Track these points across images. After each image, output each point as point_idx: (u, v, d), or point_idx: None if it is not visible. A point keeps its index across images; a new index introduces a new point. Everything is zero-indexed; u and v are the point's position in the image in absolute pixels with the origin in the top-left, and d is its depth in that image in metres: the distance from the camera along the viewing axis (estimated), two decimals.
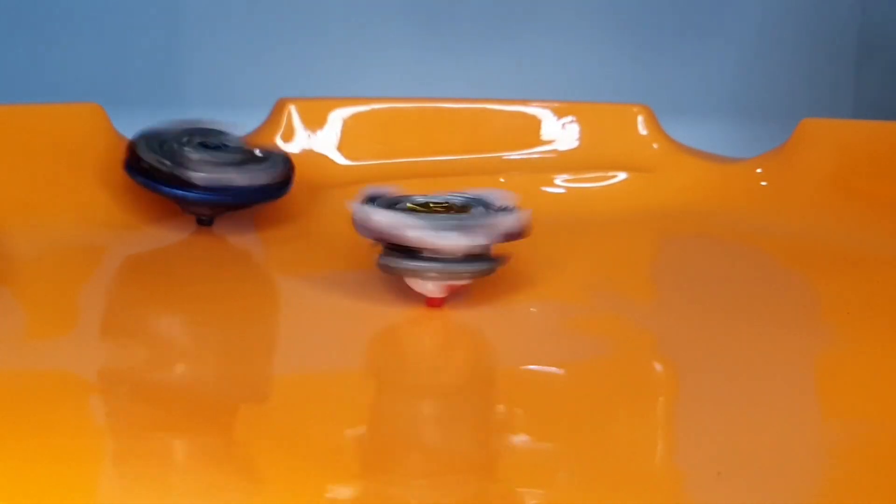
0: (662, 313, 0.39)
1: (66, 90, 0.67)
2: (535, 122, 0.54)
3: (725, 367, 0.30)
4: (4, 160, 0.43)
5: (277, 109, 0.52)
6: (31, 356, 0.31)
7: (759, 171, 0.50)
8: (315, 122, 0.52)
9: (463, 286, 0.37)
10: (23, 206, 0.42)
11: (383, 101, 0.54)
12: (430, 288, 0.37)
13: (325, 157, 0.52)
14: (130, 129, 0.49)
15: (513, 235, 0.37)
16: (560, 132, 0.54)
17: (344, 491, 0.25)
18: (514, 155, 0.53)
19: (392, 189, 0.39)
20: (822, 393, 0.31)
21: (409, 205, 0.38)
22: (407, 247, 0.36)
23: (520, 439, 0.29)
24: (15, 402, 0.28)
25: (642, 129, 0.53)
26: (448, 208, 0.38)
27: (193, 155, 0.44)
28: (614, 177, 0.52)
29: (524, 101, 0.54)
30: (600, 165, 0.52)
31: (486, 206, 0.38)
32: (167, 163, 0.43)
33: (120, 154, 0.46)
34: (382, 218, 0.36)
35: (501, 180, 0.52)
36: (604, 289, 0.41)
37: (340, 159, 0.52)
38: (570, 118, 0.54)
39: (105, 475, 0.24)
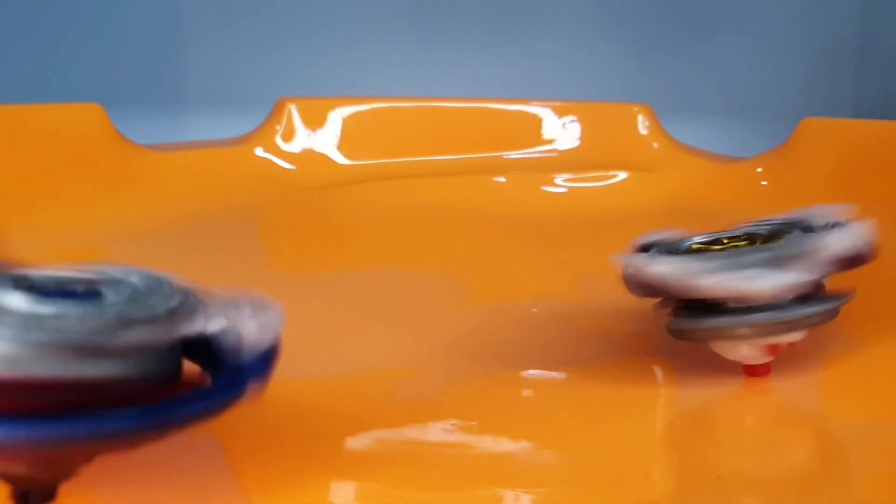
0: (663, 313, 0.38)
1: (66, 90, 0.67)
2: (536, 122, 0.54)
3: (726, 368, 0.30)
4: (4, 160, 0.43)
5: (277, 109, 0.52)
6: None
7: (759, 170, 0.50)
8: (315, 121, 0.52)
9: (793, 343, 0.28)
10: (23, 206, 0.42)
11: (383, 101, 0.54)
12: (746, 352, 0.28)
13: (326, 157, 0.52)
14: (130, 129, 0.49)
15: (848, 261, 0.27)
16: (561, 132, 0.54)
17: None
18: (515, 154, 0.53)
19: (670, 233, 0.30)
20: (821, 393, 0.31)
21: (695, 245, 0.29)
22: (706, 301, 0.27)
23: None
24: None
25: (643, 129, 0.53)
26: (751, 240, 0.29)
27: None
28: (615, 176, 0.52)
29: (524, 101, 0.54)
30: (601, 165, 0.52)
31: (806, 227, 0.29)
32: None
33: (120, 154, 0.46)
34: (662, 268, 0.27)
35: (502, 180, 0.52)
36: (604, 288, 0.41)
37: (340, 159, 0.52)
38: (570, 118, 0.54)
39: (104, 478, 0.24)
